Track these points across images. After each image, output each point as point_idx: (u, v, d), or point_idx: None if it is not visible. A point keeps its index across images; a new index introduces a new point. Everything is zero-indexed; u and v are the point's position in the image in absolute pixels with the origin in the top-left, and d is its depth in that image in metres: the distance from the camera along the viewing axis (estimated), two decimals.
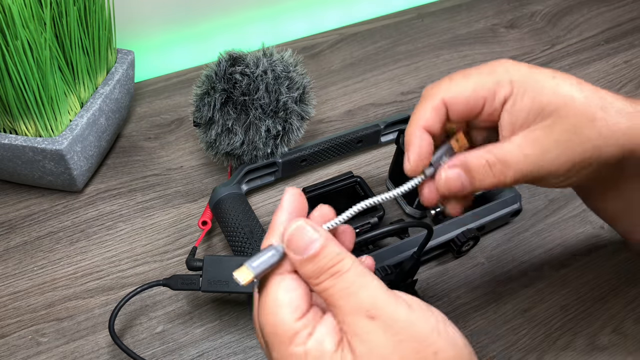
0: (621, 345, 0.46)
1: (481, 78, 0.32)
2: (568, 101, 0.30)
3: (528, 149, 0.31)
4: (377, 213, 0.49)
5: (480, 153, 0.32)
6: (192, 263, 0.43)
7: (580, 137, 0.30)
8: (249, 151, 0.51)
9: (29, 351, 0.44)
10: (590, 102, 0.31)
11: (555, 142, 0.30)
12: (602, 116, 0.30)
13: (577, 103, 0.30)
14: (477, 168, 0.31)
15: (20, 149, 0.47)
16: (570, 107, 0.30)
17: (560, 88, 0.31)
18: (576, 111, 0.30)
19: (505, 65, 0.32)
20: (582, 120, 0.30)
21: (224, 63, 0.49)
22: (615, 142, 0.31)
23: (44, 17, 0.45)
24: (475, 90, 0.31)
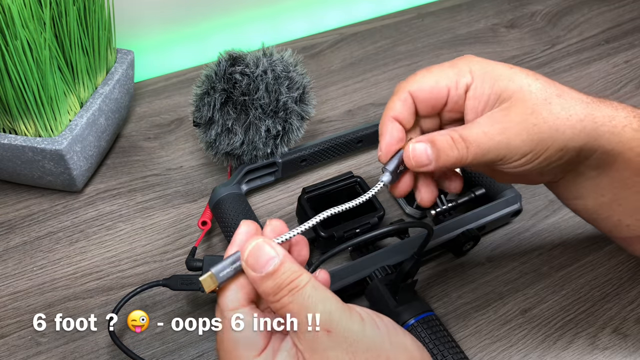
0: (621, 345, 0.46)
1: (443, 70, 0.35)
2: (524, 87, 0.33)
3: (487, 127, 0.33)
4: (377, 213, 0.49)
5: (446, 131, 0.34)
6: (191, 263, 0.43)
7: (537, 118, 0.32)
8: (248, 151, 0.51)
9: (28, 351, 0.44)
10: (546, 89, 0.33)
11: (512, 122, 0.33)
12: (557, 101, 0.33)
13: (533, 88, 0.33)
14: (442, 143, 0.34)
15: (20, 149, 0.47)
16: (527, 91, 0.33)
17: (517, 76, 0.33)
18: (531, 95, 0.33)
19: (465, 59, 0.35)
20: (538, 103, 0.33)
21: (223, 63, 0.49)
22: (572, 126, 0.33)
23: (44, 17, 0.45)
24: (437, 81, 0.34)
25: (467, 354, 0.44)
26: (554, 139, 0.33)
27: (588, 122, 0.33)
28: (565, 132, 0.33)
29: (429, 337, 0.41)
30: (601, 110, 0.34)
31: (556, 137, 0.33)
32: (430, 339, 0.41)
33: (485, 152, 0.33)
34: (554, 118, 0.33)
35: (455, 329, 0.47)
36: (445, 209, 0.50)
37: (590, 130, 0.33)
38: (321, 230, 0.47)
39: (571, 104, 0.33)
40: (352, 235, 0.48)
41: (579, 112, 0.33)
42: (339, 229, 0.47)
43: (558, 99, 0.33)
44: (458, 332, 0.46)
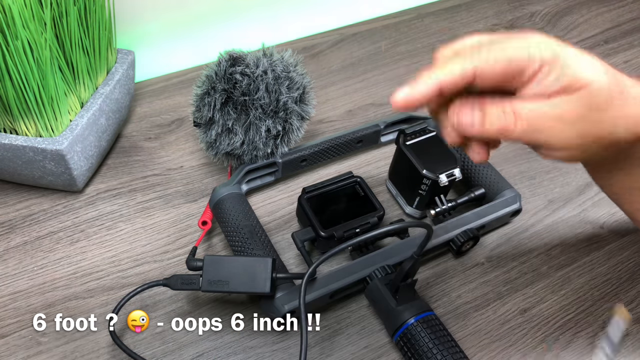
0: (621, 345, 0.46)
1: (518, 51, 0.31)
2: (590, 82, 0.31)
3: (545, 108, 0.32)
4: (377, 213, 0.49)
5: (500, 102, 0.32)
6: (192, 263, 0.43)
7: (596, 115, 0.32)
8: (249, 151, 0.51)
9: (29, 351, 0.44)
10: (610, 86, 0.32)
11: (573, 114, 0.32)
12: (619, 100, 0.32)
13: (598, 85, 0.31)
14: (492, 111, 0.32)
15: (21, 149, 0.47)
16: (592, 87, 0.31)
17: (584, 69, 0.31)
18: (596, 92, 0.31)
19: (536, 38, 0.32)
20: (600, 101, 0.31)
21: (224, 63, 0.49)
22: (627, 126, 0.32)
23: (44, 18, 0.45)
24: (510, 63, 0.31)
25: (466, 353, 0.44)
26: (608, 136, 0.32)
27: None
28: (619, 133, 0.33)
29: (428, 336, 0.41)
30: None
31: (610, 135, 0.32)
32: (430, 339, 0.41)
33: (534, 129, 0.32)
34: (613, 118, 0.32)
35: (454, 329, 0.47)
36: (444, 208, 0.50)
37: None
38: (321, 230, 0.47)
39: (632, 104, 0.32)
40: (352, 235, 0.48)
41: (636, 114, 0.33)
42: (338, 228, 0.47)
43: (620, 96, 0.32)
44: (458, 331, 0.47)
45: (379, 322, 0.47)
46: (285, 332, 0.46)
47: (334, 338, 0.46)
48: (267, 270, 0.42)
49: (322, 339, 0.46)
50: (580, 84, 0.31)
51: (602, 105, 0.32)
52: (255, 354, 0.45)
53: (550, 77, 0.31)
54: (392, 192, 0.56)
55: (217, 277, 0.42)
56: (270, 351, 0.45)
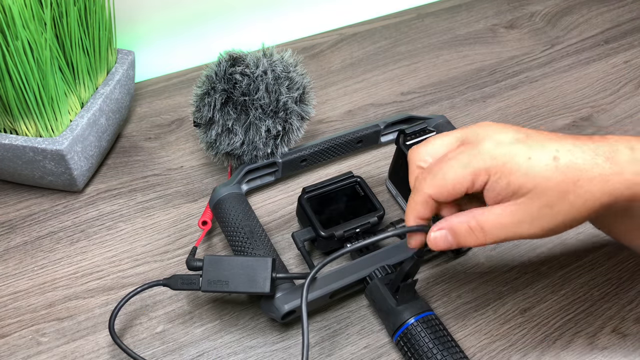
0: (621, 345, 0.46)
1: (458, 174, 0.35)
2: (541, 182, 0.33)
3: (505, 219, 0.34)
4: (377, 213, 0.49)
5: (465, 218, 0.36)
6: (192, 263, 0.43)
7: (552, 210, 0.34)
8: (249, 151, 0.51)
9: (29, 351, 0.44)
10: (564, 179, 0.33)
11: (528, 216, 0.34)
12: (574, 190, 0.33)
13: (550, 183, 0.33)
14: (461, 231, 0.36)
15: (21, 149, 0.47)
16: (543, 186, 0.33)
17: (534, 170, 0.33)
18: (548, 191, 0.33)
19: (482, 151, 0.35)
20: (553, 198, 0.33)
21: (224, 63, 0.49)
22: (588, 209, 0.34)
23: (45, 18, 0.45)
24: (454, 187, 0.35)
25: (466, 353, 0.44)
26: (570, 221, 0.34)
27: (605, 198, 0.33)
28: (581, 215, 0.34)
29: (428, 336, 0.41)
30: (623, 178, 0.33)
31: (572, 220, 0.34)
32: (430, 339, 0.41)
33: (502, 239, 0.35)
34: (568, 207, 0.33)
35: (454, 329, 0.47)
36: None
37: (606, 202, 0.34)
38: (321, 230, 0.47)
39: (588, 188, 0.33)
40: (352, 235, 0.48)
41: (596, 193, 0.33)
42: (339, 228, 0.47)
43: (574, 186, 0.33)
44: (458, 331, 0.47)
45: (379, 322, 0.47)
46: (285, 332, 0.46)
47: (334, 338, 0.46)
48: (267, 270, 0.42)
49: (322, 339, 0.46)
50: (527, 188, 0.33)
51: (554, 202, 0.33)
52: (255, 354, 0.45)
53: (500, 183, 0.34)
54: (392, 192, 0.56)
55: (217, 277, 0.42)
56: (270, 351, 0.45)
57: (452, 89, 0.69)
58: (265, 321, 0.46)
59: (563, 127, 0.64)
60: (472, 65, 0.72)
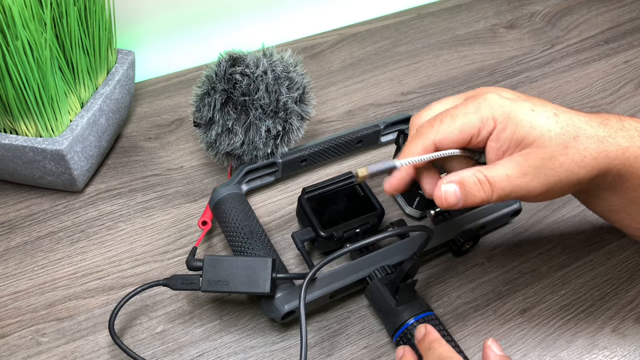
0: (621, 345, 0.46)
1: (467, 118, 0.36)
2: (544, 133, 0.35)
3: (510, 171, 0.35)
4: (377, 213, 0.49)
5: (472, 172, 0.36)
6: (192, 263, 0.43)
7: (554, 163, 0.35)
8: (249, 151, 0.51)
9: (29, 351, 0.44)
10: (564, 132, 0.35)
11: (531, 167, 0.35)
12: (573, 144, 0.35)
13: (552, 134, 0.35)
14: (470, 184, 0.36)
15: (21, 149, 0.47)
16: (545, 138, 0.35)
17: (537, 121, 0.35)
18: (550, 142, 0.35)
19: (488, 100, 0.36)
20: (555, 149, 0.35)
21: (224, 63, 0.49)
22: (585, 166, 0.36)
23: (45, 18, 0.45)
24: (462, 131, 0.36)
25: (466, 353, 0.44)
26: (570, 178, 0.36)
27: (601, 158, 0.36)
28: (580, 172, 0.36)
29: None
30: (616, 142, 0.36)
31: (571, 177, 0.36)
32: None
33: (508, 193, 0.36)
34: (569, 161, 0.35)
35: (454, 329, 0.47)
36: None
37: (603, 165, 0.36)
38: (321, 230, 0.47)
39: (586, 144, 0.35)
40: (352, 235, 0.48)
41: (593, 151, 0.35)
42: (338, 229, 0.47)
43: (574, 141, 0.35)
44: (457, 331, 0.47)
45: (379, 322, 0.47)
46: (285, 332, 0.46)
47: (334, 338, 0.46)
48: (267, 271, 0.42)
49: (322, 339, 0.46)
50: (531, 137, 0.35)
51: (555, 154, 0.35)
52: (255, 354, 0.45)
53: (506, 132, 0.35)
54: None
55: (217, 277, 0.42)
56: (270, 351, 0.45)
57: (452, 89, 0.69)
58: (265, 321, 0.46)
59: None
60: (472, 65, 0.72)
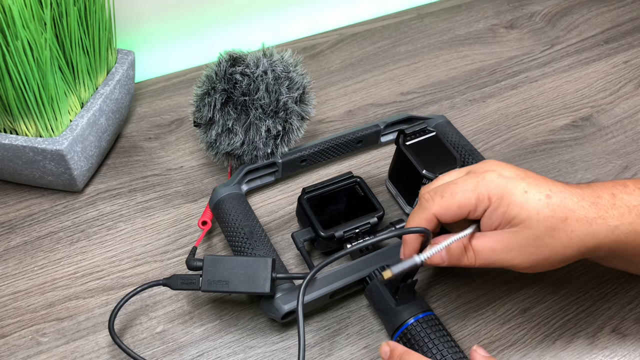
0: (620, 345, 0.46)
1: (465, 195, 0.38)
2: (532, 215, 0.37)
3: (496, 245, 0.38)
4: (377, 213, 0.49)
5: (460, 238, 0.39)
6: (192, 263, 0.43)
7: (539, 243, 0.37)
8: (249, 151, 0.51)
9: (29, 351, 0.44)
10: (553, 215, 0.37)
11: (517, 244, 0.37)
12: (561, 227, 0.37)
13: (540, 216, 0.37)
14: (455, 250, 0.39)
15: (21, 149, 0.47)
16: (533, 220, 0.37)
17: (528, 203, 0.37)
18: (538, 224, 0.37)
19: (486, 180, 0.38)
20: (542, 231, 0.37)
21: (224, 63, 0.49)
22: (572, 246, 0.37)
23: (44, 18, 0.45)
24: (460, 207, 0.38)
25: (466, 353, 0.44)
26: (554, 257, 0.38)
27: (589, 239, 0.37)
28: (565, 252, 0.37)
29: (428, 336, 0.41)
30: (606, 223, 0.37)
31: (556, 257, 0.38)
32: (429, 339, 0.41)
33: (490, 263, 0.39)
34: (554, 242, 0.37)
35: (454, 329, 0.47)
36: None
37: (591, 245, 0.38)
38: (321, 230, 0.47)
39: (574, 227, 0.37)
40: (352, 235, 0.48)
41: (580, 233, 0.37)
42: (338, 229, 0.47)
43: (563, 224, 0.37)
44: (457, 331, 0.47)
45: (379, 322, 0.47)
46: (285, 332, 0.46)
47: (334, 338, 0.46)
48: (267, 270, 0.42)
49: (321, 339, 0.46)
50: (520, 218, 0.37)
51: (542, 235, 0.37)
52: (255, 354, 0.45)
53: (498, 211, 0.37)
54: (392, 192, 0.56)
55: (217, 277, 0.42)
56: (270, 351, 0.45)
57: (452, 89, 0.69)
58: (265, 321, 0.46)
59: (563, 127, 0.65)
60: (472, 65, 0.72)
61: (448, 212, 0.38)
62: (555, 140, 0.63)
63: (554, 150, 0.62)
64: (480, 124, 0.64)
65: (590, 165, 0.60)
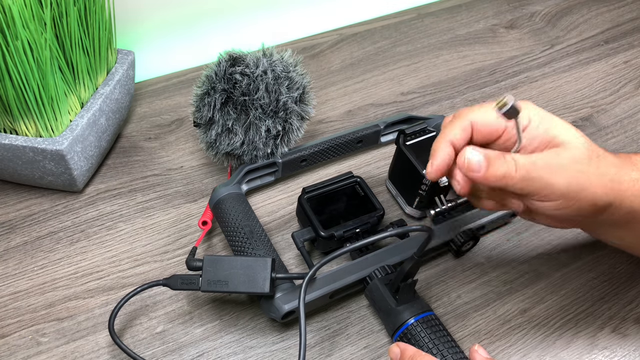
0: (621, 345, 0.46)
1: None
2: (573, 139, 0.37)
3: (538, 159, 0.37)
4: (377, 213, 0.49)
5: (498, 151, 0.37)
6: (192, 263, 0.43)
7: (578, 167, 0.37)
8: (249, 151, 0.51)
9: (29, 351, 0.44)
10: (589, 147, 0.38)
11: (558, 163, 0.37)
12: (596, 161, 0.37)
13: (580, 142, 0.37)
14: (494, 157, 0.37)
15: (21, 149, 0.47)
16: (575, 143, 0.37)
17: (569, 129, 0.38)
18: (578, 149, 0.37)
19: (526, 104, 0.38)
20: (582, 156, 0.37)
21: (224, 63, 0.49)
22: (603, 185, 0.37)
23: (44, 18, 0.45)
24: (498, 117, 0.36)
25: (466, 353, 0.44)
26: (587, 191, 0.37)
27: (616, 183, 0.38)
28: (597, 189, 0.37)
29: (428, 336, 0.41)
30: (628, 174, 0.38)
31: (589, 191, 0.37)
32: (429, 339, 0.41)
33: (530, 178, 0.36)
34: (591, 172, 0.37)
35: (454, 329, 0.47)
36: (444, 209, 0.50)
37: (617, 192, 0.38)
38: (321, 230, 0.47)
39: (606, 165, 0.38)
40: (352, 235, 0.48)
41: (611, 173, 0.38)
42: (339, 228, 0.47)
43: (597, 159, 0.38)
44: (457, 331, 0.47)
45: (379, 322, 0.47)
46: (285, 332, 0.46)
47: (334, 338, 0.46)
48: (267, 270, 0.42)
49: (322, 339, 0.46)
50: (560, 140, 0.37)
51: (581, 160, 0.37)
52: (255, 354, 0.45)
53: (539, 128, 0.38)
54: (392, 192, 0.56)
55: (216, 277, 0.42)
56: (270, 351, 0.45)
57: (452, 89, 0.69)
58: (265, 321, 0.46)
59: None
60: (472, 65, 0.72)
61: (485, 120, 0.37)
62: None
63: None
64: None
65: None
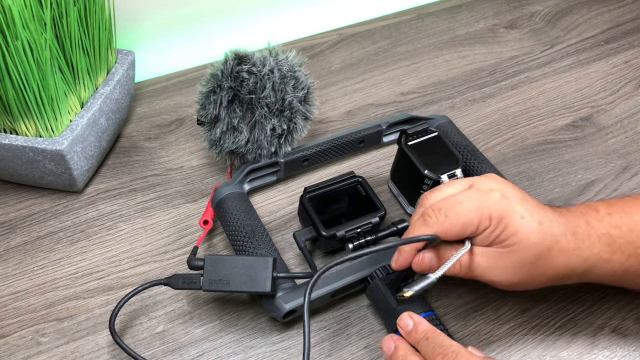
0: (621, 345, 0.46)
1: (469, 217, 0.39)
2: (524, 241, 0.39)
3: (481, 259, 0.40)
4: (379, 213, 0.49)
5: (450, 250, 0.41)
6: (193, 262, 0.43)
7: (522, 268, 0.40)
8: (253, 150, 0.51)
9: (29, 351, 0.44)
10: (541, 243, 0.39)
11: (502, 265, 0.40)
12: (545, 255, 0.39)
13: (530, 243, 0.39)
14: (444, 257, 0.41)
15: (21, 149, 0.47)
16: (524, 245, 0.39)
17: (523, 229, 0.39)
18: (527, 250, 0.39)
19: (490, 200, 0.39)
20: (528, 257, 0.39)
21: (230, 61, 0.49)
22: (548, 275, 0.41)
23: (44, 18, 0.45)
24: (463, 228, 0.39)
25: None
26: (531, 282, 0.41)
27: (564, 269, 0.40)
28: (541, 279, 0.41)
29: None
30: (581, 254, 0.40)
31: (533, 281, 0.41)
32: None
33: (474, 275, 0.41)
34: (535, 270, 0.40)
35: (455, 329, 0.47)
36: None
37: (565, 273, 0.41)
38: (323, 229, 0.47)
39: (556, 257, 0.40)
40: (353, 235, 0.48)
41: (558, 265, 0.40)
42: (340, 228, 0.47)
43: (547, 252, 0.39)
44: (458, 331, 0.47)
45: (379, 322, 0.47)
46: (285, 332, 0.46)
47: (334, 338, 0.46)
48: (268, 270, 0.42)
49: (322, 339, 0.46)
50: (512, 241, 0.39)
51: (526, 261, 0.39)
52: (255, 354, 0.45)
53: (495, 232, 0.39)
54: (393, 192, 0.56)
55: (218, 276, 0.42)
56: (270, 351, 0.45)
57: (452, 89, 0.69)
58: (265, 321, 0.46)
59: (563, 127, 0.65)
60: (472, 65, 0.72)
61: (451, 232, 0.39)
62: (555, 141, 0.63)
63: (554, 150, 0.62)
64: (481, 124, 0.64)
65: (590, 165, 0.60)
